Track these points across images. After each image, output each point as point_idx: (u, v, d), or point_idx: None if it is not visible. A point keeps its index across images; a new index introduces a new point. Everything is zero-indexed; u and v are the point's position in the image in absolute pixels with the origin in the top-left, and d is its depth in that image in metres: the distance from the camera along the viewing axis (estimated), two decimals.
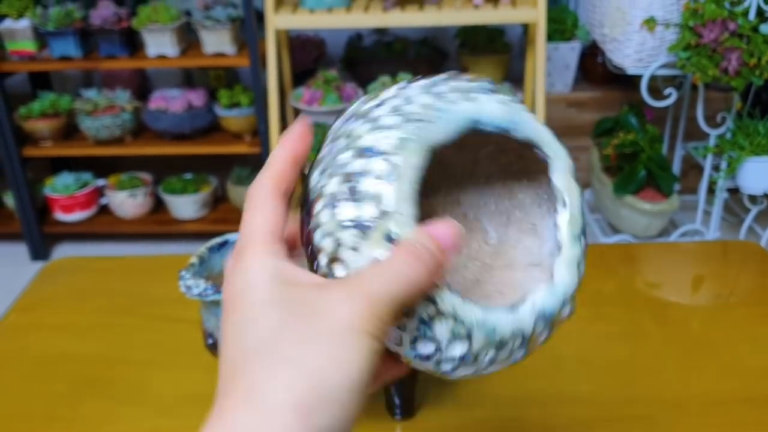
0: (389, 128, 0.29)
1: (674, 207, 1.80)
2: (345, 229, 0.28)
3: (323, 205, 0.29)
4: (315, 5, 1.71)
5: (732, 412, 0.59)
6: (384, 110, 0.30)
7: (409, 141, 0.29)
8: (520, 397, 0.61)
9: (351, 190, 0.28)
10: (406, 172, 0.28)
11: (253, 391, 0.23)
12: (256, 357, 0.24)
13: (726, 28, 1.50)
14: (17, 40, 1.92)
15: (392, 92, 0.32)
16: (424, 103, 0.30)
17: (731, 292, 0.77)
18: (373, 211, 0.27)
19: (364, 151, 0.29)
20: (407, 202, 0.28)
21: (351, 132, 0.30)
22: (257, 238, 0.27)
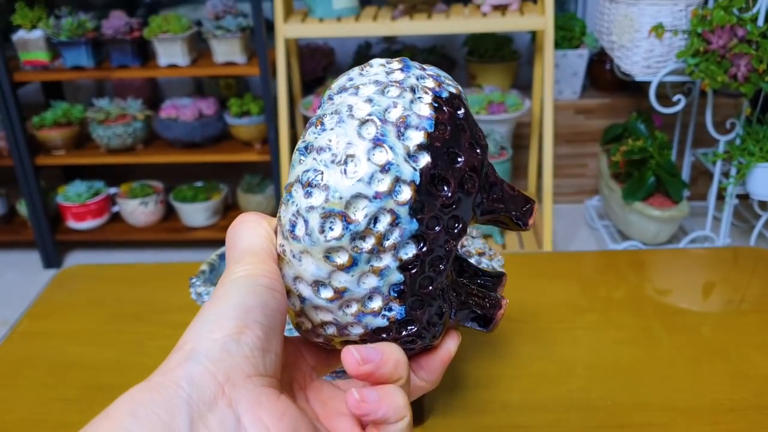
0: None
1: (684, 213, 1.80)
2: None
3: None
4: (324, 14, 1.72)
5: (744, 419, 0.59)
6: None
7: None
8: (529, 403, 0.61)
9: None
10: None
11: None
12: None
13: (734, 34, 1.50)
14: (30, 50, 1.94)
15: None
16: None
17: (742, 299, 0.77)
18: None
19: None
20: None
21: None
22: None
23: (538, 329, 0.71)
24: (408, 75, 0.30)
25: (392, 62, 0.31)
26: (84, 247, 2.21)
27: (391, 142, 0.28)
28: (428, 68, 0.32)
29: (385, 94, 0.29)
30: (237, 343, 0.26)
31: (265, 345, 0.26)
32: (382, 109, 0.29)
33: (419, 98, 0.29)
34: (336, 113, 0.29)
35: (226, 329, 0.26)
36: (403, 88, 0.29)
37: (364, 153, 0.28)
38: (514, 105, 1.85)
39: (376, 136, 0.28)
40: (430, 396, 0.62)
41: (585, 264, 0.87)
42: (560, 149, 2.22)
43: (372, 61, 0.32)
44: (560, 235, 2.11)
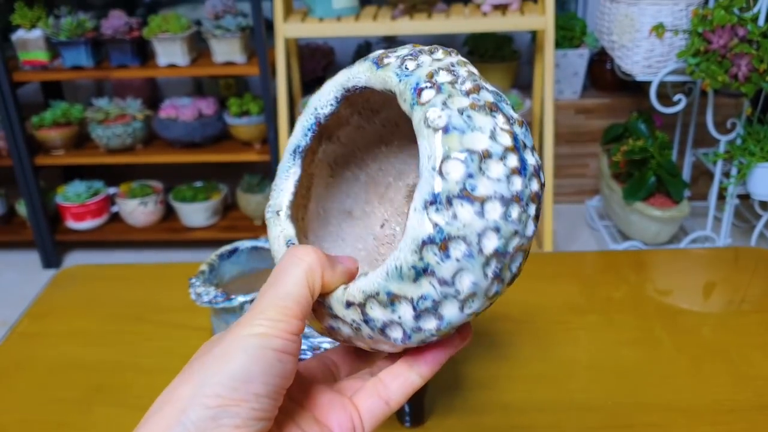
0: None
1: (684, 213, 1.80)
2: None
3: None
4: (324, 14, 1.72)
5: (744, 419, 0.59)
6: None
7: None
8: (530, 404, 0.61)
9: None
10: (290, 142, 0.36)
11: (160, 399, 0.28)
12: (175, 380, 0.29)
13: (735, 33, 1.50)
14: (30, 50, 1.94)
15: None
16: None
17: (743, 299, 0.77)
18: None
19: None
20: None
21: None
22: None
23: (539, 329, 0.71)
24: (524, 178, 0.29)
25: (508, 153, 0.29)
26: (83, 247, 2.21)
27: (505, 275, 0.30)
28: (528, 141, 0.31)
29: (507, 219, 0.29)
30: (230, 415, 0.26)
31: (259, 414, 0.27)
32: (506, 241, 0.29)
33: (528, 214, 0.30)
34: (464, 242, 0.28)
35: (221, 399, 0.26)
36: (521, 207, 0.29)
37: (485, 291, 0.29)
38: (515, 105, 1.85)
39: (495, 272, 0.29)
40: (430, 396, 0.61)
41: (585, 264, 0.87)
42: (561, 149, 2.22)
43: (487, 146, 0.29)
44: (561, 236, 2.11)
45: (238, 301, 0.56)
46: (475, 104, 0.29)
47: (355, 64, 0.34)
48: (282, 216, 0.35)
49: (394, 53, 0.32)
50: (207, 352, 0.28)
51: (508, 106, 0.31)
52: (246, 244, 0.65)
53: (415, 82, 0.30)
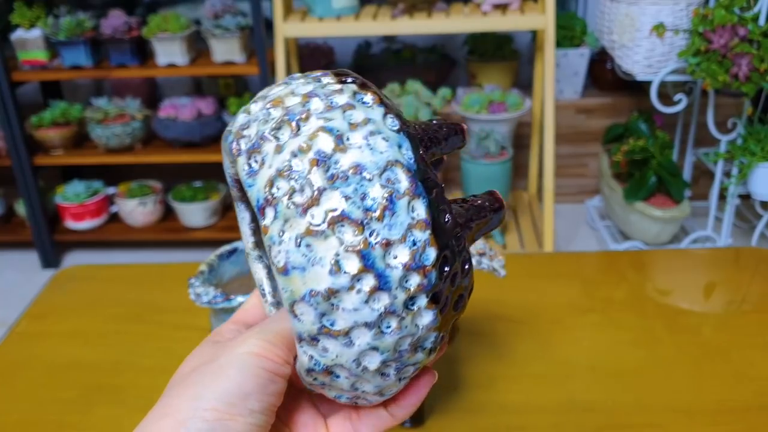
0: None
1: (685, 213, 1.79)
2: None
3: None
4: (324, 13, 1.71)
5: (745, 420, 0.59)
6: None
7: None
8: (529, 404, 0.61)
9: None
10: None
11: (153, 413, 0.29)
12: (164, 397, 0.29)
13: (736, 33, 1.50)
14: (29, 49, 1.94)
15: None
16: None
17: (743, 299, 0.76)
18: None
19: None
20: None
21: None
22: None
23: (539, 330, 0.70)
24: (390, 290, 0.27)
25: (360, 280, 0.26)
26: (82, 247, 2.21)
27: (416, 356, 0.29)
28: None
29: (384, 334, 0.27)
30: (227, 428, 0.27)
31: (254, 429, 0.28)
32: (391, 351, 0.28)
33: (417, 309, 0.27)
34: (343, 367, 0.28)
35: (219, 413, 0.27)
36: (398, 315, 0.27)
37: (396, 376, 0.29)
38: (515, 104, 1.85)
39: (398, 367, 0.29)
40: (430, 396, 0.61)
41: (586, 264, 0.87)
42: (561, 149, 2.22)
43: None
44: (561, 236, 2.11)
45: (238, 301, 0.56)
46: (312, 229, 0.26)
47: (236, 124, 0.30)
48: (252, 258, 0.36)
49: (253, 120, 0.29)
50: (202, 367, 0.29)
51: (364, 180, 0.26)
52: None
53: (256, 198, 0.27)
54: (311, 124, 0.27)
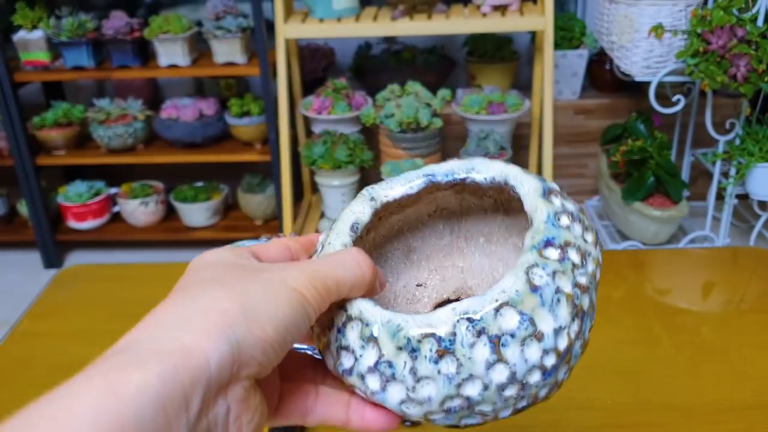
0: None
1: (683, 213, 1.80)
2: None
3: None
4: (324, 14, 1.72)
5: (743, 419, 0.59)
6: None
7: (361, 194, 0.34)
8: None
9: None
10: (348, 216, 0.34)
11: (187, 297, 0.26)
12: (197, 284, 0.27)
13: (734, 34, 1.50)
14: (31, 50, 1.94)
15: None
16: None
17: (742, 299, 0.77)
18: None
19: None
20: (340, 237, 0.33)
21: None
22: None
23: None
24: (560, 360, 0.30)
25: (549, 354, 0.29)
26: (84, 247, 2.21)
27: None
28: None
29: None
30: (263, 351, 0.26)
31: (275, 362, 0.27)
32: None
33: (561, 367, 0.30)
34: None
35: (264, 334, 0.26)
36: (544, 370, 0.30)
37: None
38: (514, 105, 1.85)
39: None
40: None
41: None
42: (560, 149, 2.22)
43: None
44: None
45: None
46: (572, 297, 0.29)
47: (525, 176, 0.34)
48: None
49: (564, 200, 0.32)
50: (248, 274, 0.28)
51: (592, 317, 0.31)
52: (247, 244, 0.65)
53: (552, 237, 0.30)
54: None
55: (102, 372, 0.23)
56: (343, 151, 1.77)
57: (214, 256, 0.30)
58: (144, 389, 0.22)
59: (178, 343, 0.24)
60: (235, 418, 0.26)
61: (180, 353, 0.23)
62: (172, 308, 0.26)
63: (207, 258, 0.30)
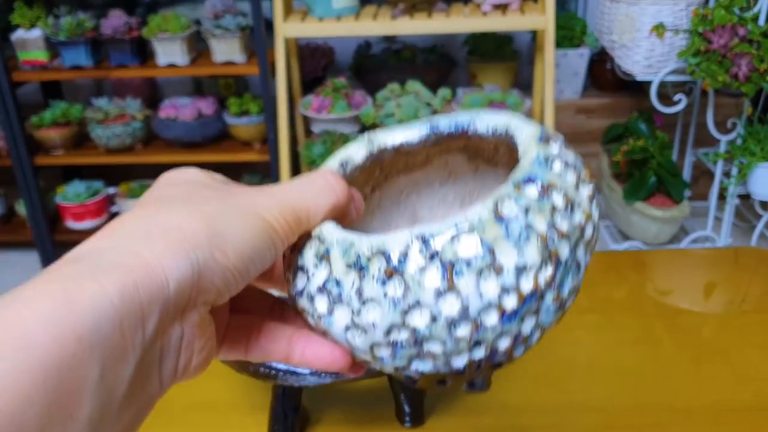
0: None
1: (685, 213, 1.79)
2: None
3: None
4: (324, 13, 1.71)
5: (745, 420, 0.59)
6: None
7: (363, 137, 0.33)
8: (529, 404, 0.61)
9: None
10: (341, 153, 0.33)
11: (151, 211, 0.25)
12: (163, 199, 0.26)
13: (736, 33, 1.50)
14: (29, 49, 1.94)
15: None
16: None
17: (743, 299, 0.76)
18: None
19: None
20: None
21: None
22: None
23: None
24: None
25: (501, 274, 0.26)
26: None
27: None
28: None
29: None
30: (223, 279, 0.25)
31: (233, 292, 0.26)
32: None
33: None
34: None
35: (226, 260, 0.25)
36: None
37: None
38: (515, 104, 1.85)
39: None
40: (430, 396, 0.61)
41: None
42: None
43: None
44: None
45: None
46: (545, 238, 0.26)
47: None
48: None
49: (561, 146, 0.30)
50: (217, 195, 0.27)
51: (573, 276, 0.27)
52: None
53: (535, 175, 0.27)
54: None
55: (58, 281, 0.21)
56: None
57: (186, 175, 0.28)
58: (102, 303, 0.21)
59: (138, 259, 0.23)
60: (188, 344, 0.25)
61: (140, 269, 0.22)
62: (134, 221, 0.25)
63: (177, 175, 0.28)
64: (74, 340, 0.20)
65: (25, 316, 0.20)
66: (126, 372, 0.22)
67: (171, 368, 0.25)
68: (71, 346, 0.20)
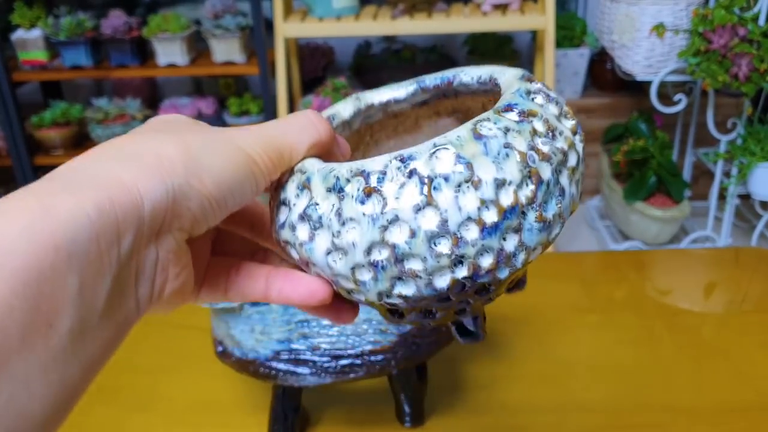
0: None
1: (685, 213, 1.79)
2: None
3: None
4: (324, 13, 1.71)
5: (745, 419, 0.59)
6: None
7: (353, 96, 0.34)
8: (530, 404, 0.61)
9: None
10: (328, 110, 0.34)
11: (131, 138, 0.26)
12: (145, 131, 0.27)
13: (736, 33, 1.50)
14: (29, 49, 1.94)
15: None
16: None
17: (744, 299, 0.76)
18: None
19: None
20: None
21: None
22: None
23: (539, 329, 0.70)
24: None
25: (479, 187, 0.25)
26: None
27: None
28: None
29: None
30: (199, 205, 0.25)
31: (211, 222, 0.26)
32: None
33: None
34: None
35: (202, 187, 0.25)
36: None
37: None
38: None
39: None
40: (430, 396, 0.61)
41: (586, 264, 0.87)
42: None
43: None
44: (561, 235, 2.11)
45: (238, 301, 0.56)
46: (525, 156, 0.26)
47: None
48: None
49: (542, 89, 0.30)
50: (199, 129, 0.27)
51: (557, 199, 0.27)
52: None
53: (516, 102, 0.27)
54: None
55: (35, 195, 0.22)
56: None
57: (173, 117, 0.29)
58: (79, 215, 0.21)
59: (114, 178, 0.23)
60: (163, 268, 0.25)
61: (116, 188, 0.23)
62: (111, 147, 0.25)
63: (164, 116, 0.29)
64: (52, 249, 0.20)
65: (2, 225, 0.20)
66: (103, 287, 0.22)
67: (147, 291, 0.25)
68: (49, 255, 0.20)
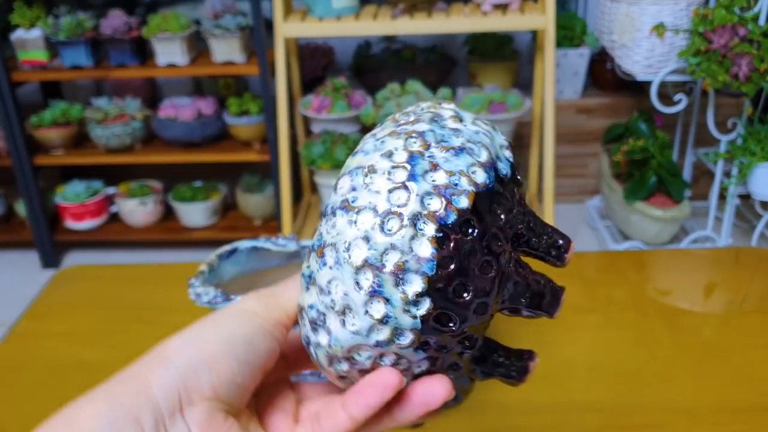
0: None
1: (685, 213, 1.79)
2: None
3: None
4: (324, 13, 1.71)
5: (746, 420, 0.58)
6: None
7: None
8: (529, 404, 0.61)
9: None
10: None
11: (154, 352, 0.30)
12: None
13: (736, 33, 1.50)
14: (29, 49, 1.94)
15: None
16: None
17: (744, 299, 0.76)
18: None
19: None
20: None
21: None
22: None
23: (539, 329, 0.70)
24: (410, 193, 0.27)
25: (397, 168, 0.28)
26: (82, 247, 2.20)
27: (388, 293, 0.27)
28: (441, 160, 0.29)
29: (383, 230, 0.27)
30: (209, 369, 0.28)
31: (237, 379, 0.28)
32: (379, 253, 0.27)
33: (420, 232, 0.27)
34: (334, 249, 0.28)
35: (205, 353, 0.28)
36: (402, 221, 0.27)
37: (361, 306, 0.27)
38: (515, 104, 1.85)
39: (373, 287, 0.27)
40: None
41: (586, 264, 0.87)
42: (561, 149, 2.21)
43: (376, 162, 0.29)
44: None
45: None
46: (395, 131, 0.30)
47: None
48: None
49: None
50: (200, 320, 0.31)
51: (451, 135, 0.30)
52: (245, 244, 0.64)
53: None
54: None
55: (60, 413, 0.27)
56: (343, 150, 1.76)
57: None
58: (95, 415, 0.26)
59: (128, 373, 0.28)
60: None
61: (127, 380, 0.28)
62: (145, 362, 0.30)
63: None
64: None
65: None
66: None
67: None
68: None
